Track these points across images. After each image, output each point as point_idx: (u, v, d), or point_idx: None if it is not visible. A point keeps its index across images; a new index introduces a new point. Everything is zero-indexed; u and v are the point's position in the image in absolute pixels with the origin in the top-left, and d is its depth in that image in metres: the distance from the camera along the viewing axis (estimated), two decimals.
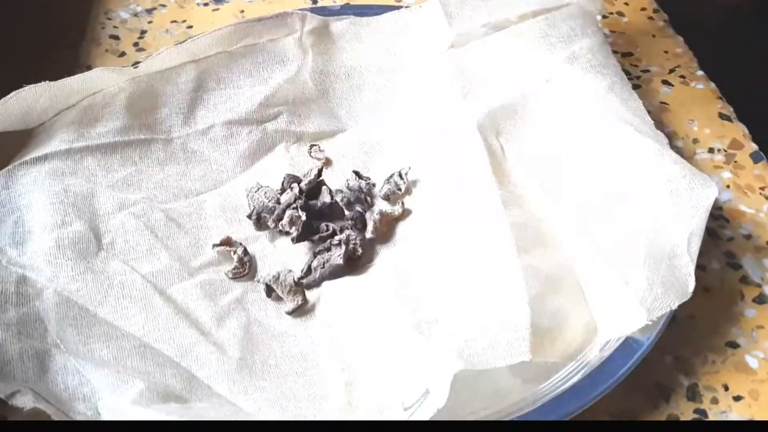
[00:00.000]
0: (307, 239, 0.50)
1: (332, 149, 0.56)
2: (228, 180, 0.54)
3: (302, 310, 0.47)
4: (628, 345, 0.42)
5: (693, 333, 0.46)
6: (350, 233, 0.49)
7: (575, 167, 0.50)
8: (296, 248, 0.50)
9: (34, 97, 0.50)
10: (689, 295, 0.43)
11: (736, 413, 0.43)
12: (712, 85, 0.61)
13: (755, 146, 0.57)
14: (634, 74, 0.62)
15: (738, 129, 0.58)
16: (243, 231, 0.51)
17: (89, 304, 0.45)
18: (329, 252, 0.49)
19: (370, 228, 0.50)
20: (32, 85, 0.50)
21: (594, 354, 0.42)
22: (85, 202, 0.49)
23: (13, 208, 0.48)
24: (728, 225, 0.52)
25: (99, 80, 0.52)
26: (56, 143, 0.50)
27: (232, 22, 0.56)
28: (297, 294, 0.48)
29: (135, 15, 0.67)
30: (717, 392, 0.44)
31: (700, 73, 0.62)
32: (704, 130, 0.58)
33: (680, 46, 0.64)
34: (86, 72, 0.52)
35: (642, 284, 0.43)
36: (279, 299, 0.48)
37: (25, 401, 0.40)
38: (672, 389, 0.44)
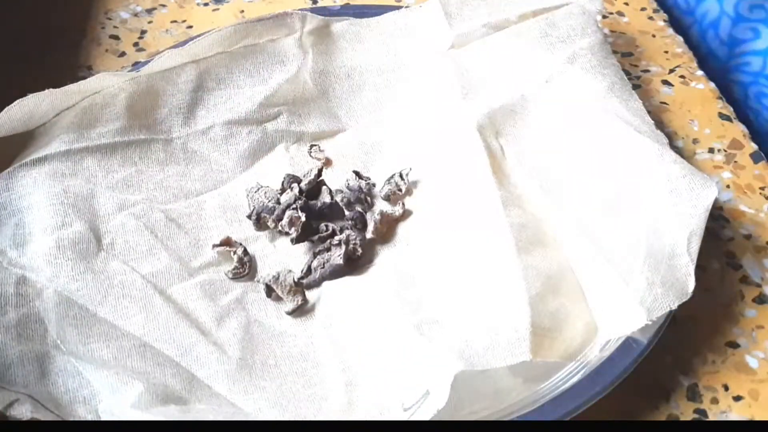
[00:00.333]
0: (307, 239, 0.50)
1: (332, 149, 0.56)
2: (228, 180, 0.54)
3: (302, 310, 0.48)
4: (628, 345, 0.42)
5: (693, 333, 0.46)
6: (350, 233, 0.49)
7: (575, 167, 0.50)
8: (296, 248, 0.50)
9: (36, 103, 0.50)
10: (689, 295, 0.43)
11: (736, 413, 0.43)
12: (712, 85, 0.61)
13: (755, 146, 0.56)
14: (634, 74, 0.62)
15: (738, 129, 0.58)
16: (243, 231, 0.51)
17: (89, 304, 0.45)
18: (329, 252, 0.49)
19: (371, 228, 0.50)
20: (35, 94, 0.50)
21: (594, 354, 0.42)
22: (85, 203, 0.49)
23: (14, 210, 0.48)
24: (728, 225, 0.52)
25: (99, 82, 0.52)
26: (56, 144, 0.50)
27: (232, 23, 0.56)
28: (297, 294, 0.48)
29: (135, 15, 0.67)
30: (717, 392, 0.44)
31: (700, 73, 0.62)
32: (704, 130, 0.58)
33: (680, 46, 0.64)
34: (88, 78, 0.52)
35: (642, 284, 0.43)
36: (279, 299, 0.48)
37: (23, 411, 0.40)
38: (672, 389, 0.44)
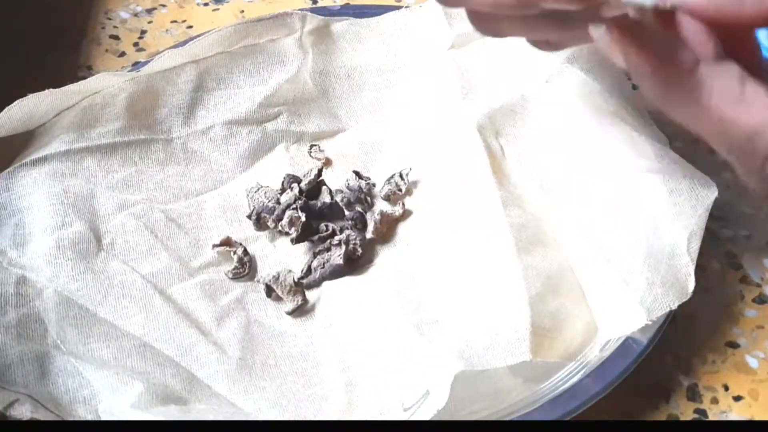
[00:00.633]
0: (307, 239, 0.50)
1: (332, 149, 0.56)
2: (228, 180, 0.54)
3: (302, 310, 0.48)
4: (628, 345, 0.42)
5: (693, 333, 0.46)
6: (350, 233, 0.49)
7: (575, 167, 0.50)
8: (296, 248, 0.50)
9: (36, 103, 0.50)
10: (689, 295, 0.43)
11: (736, 413, 0.43)
12: None
13: None
14: None
15: None
16: (243, 231, 0.51)
17: (89, 304, 0.45)
18: (329, 252, 0.49)
19: (371, 228, 0.50)
20: (35, 94, 0.50)
21: (594, 354, 0.42)
22: (85, 203, 0.49)
23: (14, 210, 0.48)
24: (728, 225, 0.52)
25: (99, 82, 0.52)
26: (56, 144, 0.50)
27: (232, 23, 0.56)
28: (297, 294, 0.48)
29: (135, 15, 0.67)
30: (717, 392, 0.44)
31: None
32: None
33: None
34: (88, 78, 0.52)
35: (642, 284, 0.43)
36: (279, 299, 0.48)
37: (23, 411, 0.40)
38: (672, 389, 0.44)
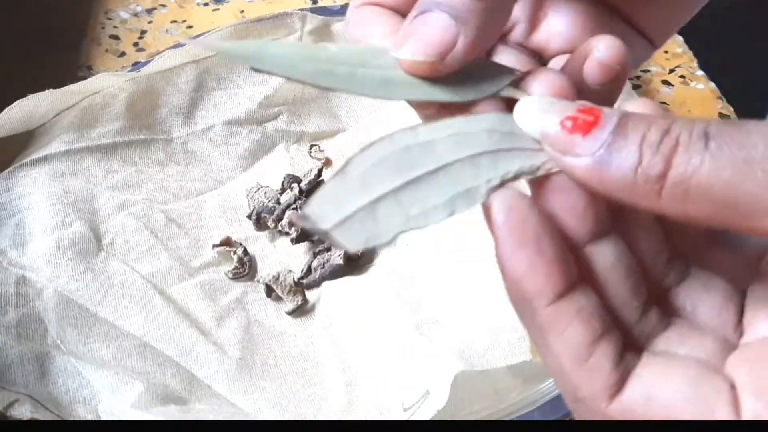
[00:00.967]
0: (307, 239, 0.50)
1: (332, 149, 0.56)
2: (228, 180, 0.54)
3: (302, 310, 0.48)
4: None
5: None
6: None
7: None
8: (296, 248, 0.50)
9: (36, 103, 0.50)
10: None
11: None
12: (712, 85, 0.61)
13: None
14: (634, 74, 0.62)
15: None
16: (243, 231, 0.51)
17: (89, 304, 0.45)
18: (329, 252, 0.49)
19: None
20: (35, 94, 0.50)
21: None
22: (86, 203, 0.49)
23: (14, 210, 0.48)
24: None
25: (99, 82, 0.52)
26: (56, 144, 0.50)
27: (232, 23, 0.56)
28: (297, 294, 0.48)
29: (135, 15, 0.67)
30: None
31: (700, 73, 0.62)
32: None
33: (680, 46, 0.64)
34: (89, 78, 0.52)
35: None
36: (279, 299, 0.48)
37: (23, 411, 0.40)
38: None
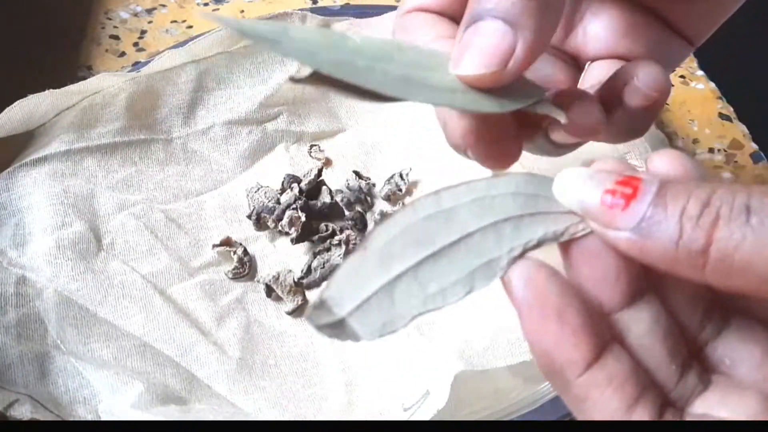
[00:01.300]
0: (307, 239, 0.50)
1: (332, 149, 0.56)
2: (228, 180, 0.54)
3: (302, 310, 0.48)
4: None
5: None
6: (350, 233, 0.49)
7: (575, 166, 0.50)
8: (296, 248, 0.50)
9: (36, 103, 0.50)
10: None
11: None
12: (712, 85, 0.61)
13: (755, 146, 0.56)
14: None
15: (738, 129, 0.58)
16: (243, 231, 0.51)
17: (89, 304, 0.45)
18: (329, 252, 0.49)
19: (371, 228, 0.50)
20: (35, 94, 0.50)
21: None
22: (86, 203, 0.49)
23: (14, 211, 0.48)
24: None
25: (99, 82, 0.52)
26: (56, 144, 0.50)
27: None
28: (297, 294, 0.48)
29: (135, 15, 0.67)
30: None
31: (700, 73, 0.62)
32: (704, 130, 0.58)
33: None
34: (89, 78, 0.52)
35: None
36: (279, 299, 0.48)
37: (23, 411, 0.40)
38: None
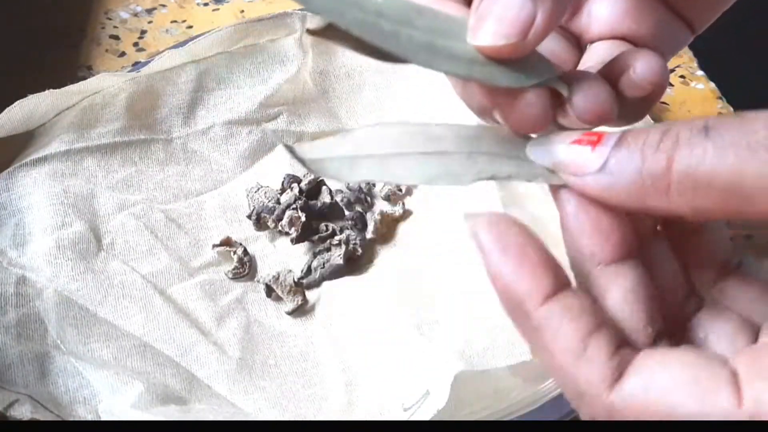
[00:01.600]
0: (307, 239, 0.50)
1: None
2: (228, 180, 0.54)
3: (302, 310, 0.48)
4: None
5: None
6: (350, 233, 0.49)
7: None
8: (296, 248, 0.50)
9: (36, 103, 0.50)
10: None
11: None
12: (712, 85, 0.61)
13: None
14: None
15: None
16: (243, 231, 0.51)
17: (89, 304, 0.45)
18: (329, 252, 0.49)
19: (371, 228, 0.50)
20: (35, 94, 0.50)
21: None
22: (86, 203, 0.49)
23: (14, 211, 0.48)
24: (728, 225, 0.52)
25: (99, 82, 0.52)
26: (56, 144, 0.50)
27: (232, 22, 0.56)
28: (297, 294, 0.48)
29: (135, 15, 0.67)
30: None
31: (700, 73, 0.62)
32: None
33: None
34: (89, 78, 0.52)
35: None
36: (279, 299, 0.48)
37: (23, 411, 0.40)
38: None
